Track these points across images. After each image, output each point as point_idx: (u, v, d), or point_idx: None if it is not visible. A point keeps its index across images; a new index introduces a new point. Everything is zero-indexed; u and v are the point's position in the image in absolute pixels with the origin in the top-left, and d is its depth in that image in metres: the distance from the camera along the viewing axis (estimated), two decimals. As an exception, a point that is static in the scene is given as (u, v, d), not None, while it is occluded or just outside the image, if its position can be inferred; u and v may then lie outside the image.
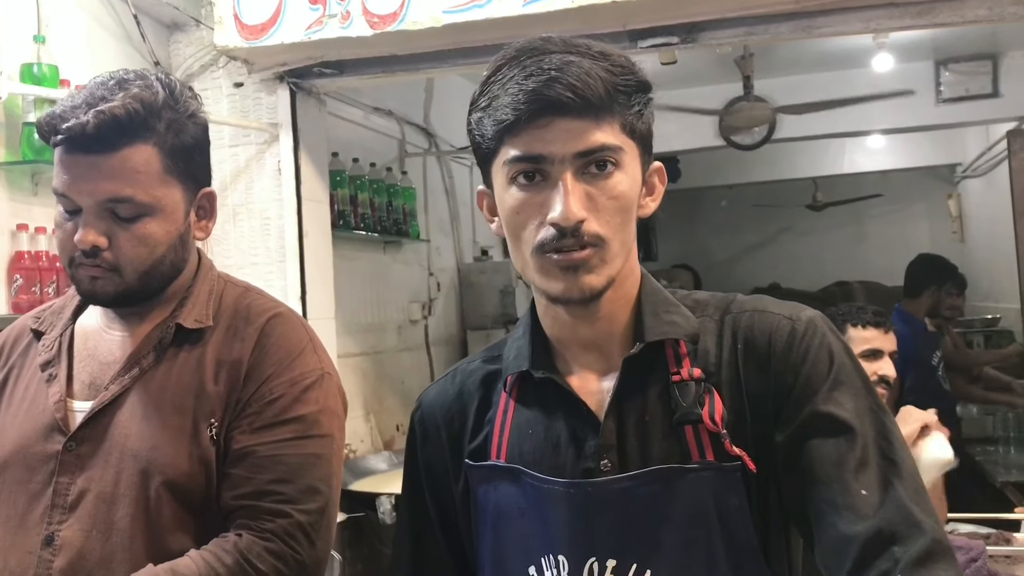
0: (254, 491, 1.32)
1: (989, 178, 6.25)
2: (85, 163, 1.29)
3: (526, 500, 1.06)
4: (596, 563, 1.02)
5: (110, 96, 1.29)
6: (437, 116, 4.72)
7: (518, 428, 1.09)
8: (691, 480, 1.01)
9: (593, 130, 0.98)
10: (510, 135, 0.99)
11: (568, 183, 0.98)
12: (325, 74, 3.06)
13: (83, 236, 1.30)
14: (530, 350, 1.09)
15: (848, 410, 0.99)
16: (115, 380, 1.38)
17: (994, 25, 2.97)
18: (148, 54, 3.14)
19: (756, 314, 1.06)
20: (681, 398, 1.02)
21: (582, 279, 0.99)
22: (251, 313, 1.42)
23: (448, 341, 4.86)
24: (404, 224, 4.26)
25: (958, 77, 5.16)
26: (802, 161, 7.36)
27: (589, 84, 0.97)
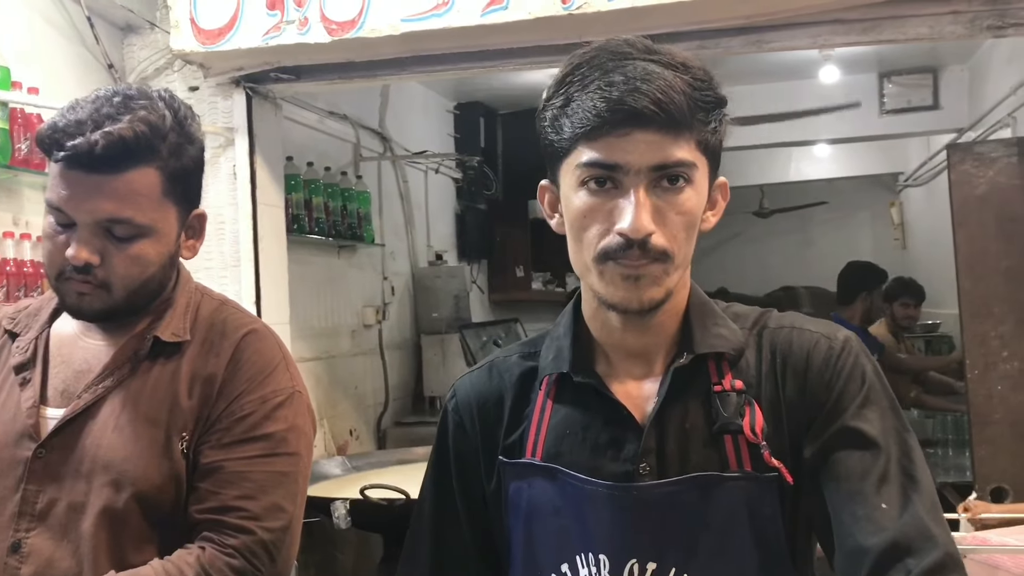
0: (219, 506, 1.32)
1: (930, 187, 6.43)
2: (87, 181, 1.28)
3: (563, 499, 1.08)
4: (636, 565, 1.04)
5: (116, 115, 1.29)
6: (392, 120, 4.73)
7: (555, 428, 1.10)
8: (729, 488, 1.03)
9: (671, 145, 0.99)
10: (587, 139, 0.99)
11: (641, 196, 0.98)
12: (282, 79, 3.06)
13: (77, 253, 1.30)
14: (571, 352, 1.10)
15: (875, 428, 1.02)
16: (89, 389, 1.38)
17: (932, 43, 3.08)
18: (102, 56, 3.11)
19: (795, 331, 1.09)
20: (722, 408, 1.05)
21: (643, 291, 1.01)
22: (227, 328, 1.43)
23: (402, 346, 4.87)
24: (359, 228, 4.26)
25: (901, 89, 5.32)
26: (750, 169, 7.49)
27: (673, 98, 0.97)
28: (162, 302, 1.43)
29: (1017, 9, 2.59)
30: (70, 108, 1.32)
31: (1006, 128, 4.15)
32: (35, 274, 2.66)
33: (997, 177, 3.04)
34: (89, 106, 1.30)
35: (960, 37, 2.66)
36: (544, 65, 2.92)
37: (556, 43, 2.85)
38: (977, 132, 4.66)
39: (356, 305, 4.43)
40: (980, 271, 3.06)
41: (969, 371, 3.08)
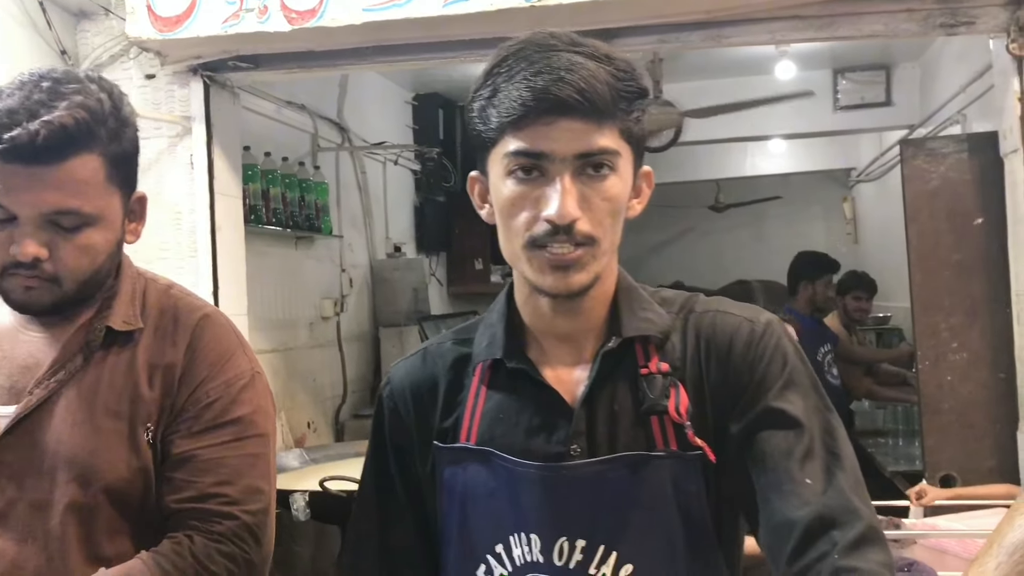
0: (198, 495, 1.32)
1: (881, 182, 6.55)
2: (26, 173, 1.23)
3: (496, 481, 1.10)
4: (566, 542, 1.07)
5: (50, 102, 1.23)
6: (350, 111, 4.70)
7: (489, 412, 1.12)
8: (656, 467, 1.07)
9: (595, 133, 1.01)
10: (514, 129, 1.01)
11: (566, 183, 1.01)
12: (240, 68, 3.04)
13: (24, 248, 1.25)
14: (504, 338, 1.13)
15: (798, 407, 1.05)
16: (40, 384, 1.33)
17: (886, 40, 3.14)
18: (55, 43, 3.06)
19: (719, 315, 1.12)
20: (649, 390, 1.08)
21: (571, 277, 1.04)
22: (179, 313, 1.41)
23: (360, 338, 4.85)
24: (316, 219, 4.24)
25: (854, 86, 5.40)
26: (705, 164, 7.57)
27: (596, 88, 0.99)
28: (107, 290, 1.39)
29: (968, 8, 2.66)
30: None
31: (956, 125, 4.24)
32: None
33: (948, 172, 3.11)
34: (17, 93, 1.24)
35: (914, 35, 2.72)
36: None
37: (517, 35, 2.85)
38: (928, 128, 4.75)
39: (314, 297, 4.41)
40: (931, 264, 3.13)
41: (920, 362, 3.15)
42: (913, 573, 1.91)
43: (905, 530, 2.47)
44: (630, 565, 1.06)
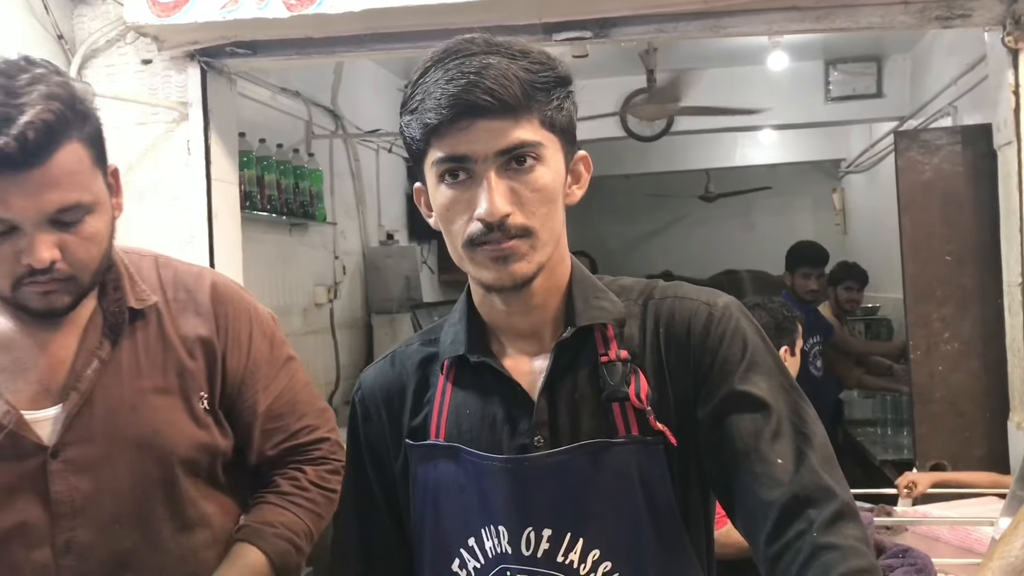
0: (289, 434, 1.46)
1: (871, 174, 6.58)
2: (18, 180, 1.18)
3: (465, 476, 1.12)
4: (533, 532, 1.09)
5: (16, 101, 1.17)
6: (344, 98, 4.70)
7: (456, 409, 1.15)
8: (618, 453, 1.08)
9: (512, 128, 1.03)
10: (436, 137, 1.04)
11: (491, 180, 1.03)
12: (238, 54, 3.02)
13: (38, 255, 1.22)
14: (466, 335, 1.15)
15: (763, 389, 1.07)
16: (78, 378, 1.32)
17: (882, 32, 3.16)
18: (51, 27, 3.04)
19: (676, 300, 1.14)
20: (609, 377, 1.09)
21: (512, 267, 1.05)
22: (186, 282, 1.43)
23: (353, 325, 4.86)
24: (310, 206, 4.23)
25: (845, 77, 5.43)
26: (695, 153, 7.59)
27: (506, 86, 1.02)
28: (105, 272, 1.37)
29: (964, 1, 2.68)
30: None
31: (947, 117, 4.27)
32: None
33: (941, 164, 3.14)
34: None
35: (910, 27, 2.74)
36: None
37: (516, 23, 2.86)
38: (919, 120, 4.78)
39: (307, 284, 4.41)
40: (924, 255, 3.16)
41: (912, 352, 3.18)
42: (908, 558, 1.94)
43: (897, 517, 2.50)
44: (597, 551, 1.08)
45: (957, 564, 2.19)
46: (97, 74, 3.15)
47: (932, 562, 1.99)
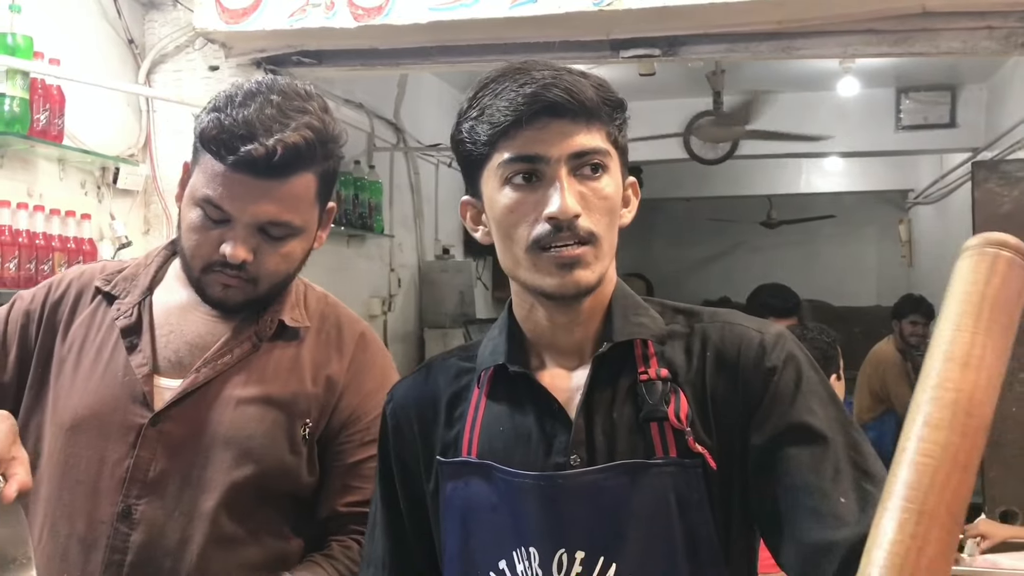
0: (365, 499, 1.37)
1: (941, 205, 6.41)
2: (253, 185, 1.29)
3: (497, 495, 1.07)
4: (565, 554, 1.03)
5: (282, 119, 1.29)
6: (407, 112, 4.71)
7: (489, 424, 1.10)
8: (655, 475, 1.03)
9: (586, 134, 1.02)
10: (505, 138, 1.02)
11: (564, 180, 1.01)
12: (304, 63, 3.03)
13: (235, 251, 1.31)
14: (507, 346, 1.11)
15: (819, 419, 1.01)
16: (208, 363, 1.38)
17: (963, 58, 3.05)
18: (123, 31, 3.08)
19: (727, 326, 1.09)
20: (648, 396, 1.05)
21: (576, 274, 1.02)
22: (342, 323, 1.48)
23: (406, 338, 4.84)
24: (369, 218, 4.24)
25: (918, 105, 5.30)
26: (759, 179, 7.48)
27: (583, 91, 1.02)
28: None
29: (1051, 28, 2.57)
30: (230, 103, 1.29)
31: (1024, 149, 4.14)
32: (47, 247, 2.63)
33: (1022, 197, 3.02)
34: (252, 104, 1.29)
35: (993, 54, 2.64)
36: (569, 61, 2.89)
37: (581, 39, 2.83)
38: (994, 152, 4.63)
39: (363, 295, 4.40)
40: (999, 291, 3.03)
41: (982, 391, 3.05)
42: (979, 611, 1.84)
43: (964, 566, 2.38)
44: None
45: (1028, 618, 2.08)
46: (165, 79, 3.19)
47: (1003, 615, 1.89)
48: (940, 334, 0.76)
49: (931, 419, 0.72)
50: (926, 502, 0.69)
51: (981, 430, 0.73)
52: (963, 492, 0.71)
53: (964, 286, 0.78)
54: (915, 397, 0.74)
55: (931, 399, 0.73)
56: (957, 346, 0.75)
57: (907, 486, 0.71)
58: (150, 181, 3.15)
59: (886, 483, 0.74)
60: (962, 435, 0.72)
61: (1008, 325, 0.77)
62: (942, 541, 0.69)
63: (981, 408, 0.73)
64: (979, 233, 2.52)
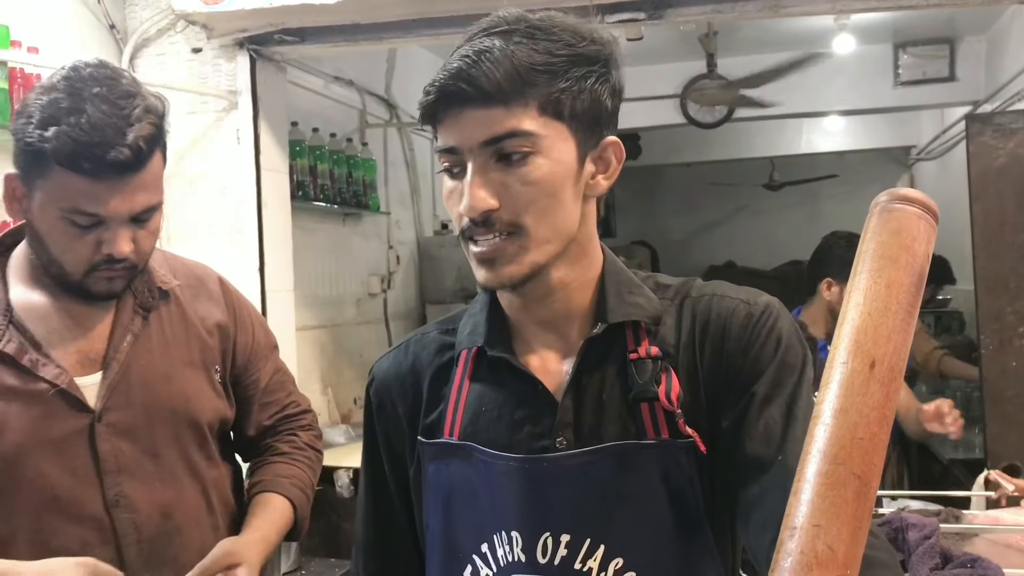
0: (282, 407, 1.71)
1: (943, 161, 6.35)
2: (120, 184, 1.35)
3: (479, 478, 1.06)
4: (550, 538, 1.02)
5: (122, 112, 1.33)
6: (398, 87, 4.67)
7: (472, 405, 1.08)
8: (645, 456, 1.01)
9: (503, 118, 0.96)
10: (437, 124, 1.01)
11: (471, 173, 0.97)
12: (286, 41, 3.00)
13: (120, 247, 1.38)
14: (486, 327, 1.09)
15: (787, 392, 0.99)
16: (116, 350, 1.47)
17: (955, 9, 3.00)
18: (103, 16, 3.05)
19: (715, 299, 1.07)
20: (638, 375, 1.03)
21: (501, 270, 0.99)
22: (198, 274, 1.65)
23: (407, 315, 4.83)
24: (364, 196, 4.21)
25: (916, 60, 5.22)
26: (759, 141, 7.40)
27: (490, 72, 0.95)
28: None
29: (1044, -25, 2.52)
30: (61, 112, 1.31)
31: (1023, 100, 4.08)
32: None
33: (1017, 149, 2.97)
34: (86, 107, 1.31)
35: (986, 3, 2.59)
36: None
37: (567, 5, 2.78)
38: (994, 104, 4.57)
39: (361, 273, 4.39)
40: (996, 245, 3.00)
41: (983, 347, 3.03)
42: (977, 568, 1.82)
43: (966, 523, 2.37)
44: (620, 559, 1.01)
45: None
46: (148, 63, 3.16)
47: (1004, 573, 1.87)
48: (849, 286, 0.76)
49: (832, 379, 0.71)
50: (833, 455, 0.68)
51: (885, 380, 0.71)
52: (875, 442, 0.68)
53: (870, 243, 0.77)
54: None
55: (840, 363, 0.71)
56: (865, 297, 0.74)
57: (814, 441, 0.69)
58: (138, 167, 3.13)
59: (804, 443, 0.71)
60: (864, 388, 0.70)
61: (914, 273, 0.76)
62: (853, 486, 0.67)
63: (876, 349, 0.71)
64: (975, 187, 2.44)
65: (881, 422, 0.69)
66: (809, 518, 0.65)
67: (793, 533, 0.65)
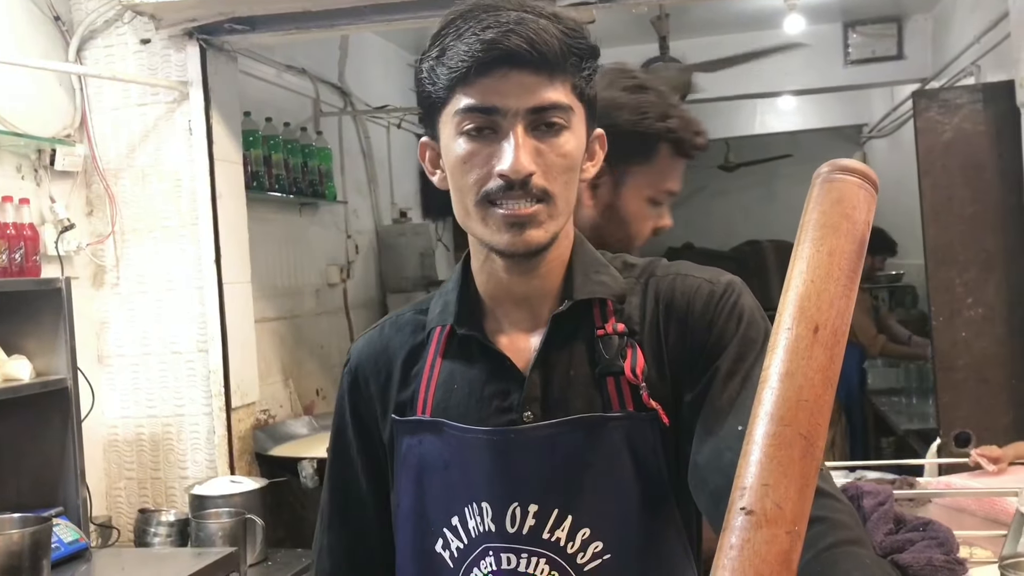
0: None
1: (894, 138, 6.44)
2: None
3: (450, 452, 1.07)
4: (519, 507, 1.04)
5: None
6: (352, 75, 4.64)
7: (444, 383, 1.10)
8: (610, 428, 1.03)
9: (547, 87, 0.98)
10: (464, 84, 0.99)
11: (519, 136, 0.98)
12: (236, 30, 2.98)
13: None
14: (456, 306, 1.10)
15: (747, 366, 1.01)
16: None
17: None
18: (48, 8, 3.00)
19: (678, 278, 1.09)
20: (604, 351, 1.05)
21: (528, 233, 1.00)
22: None
23: (367, 304, 4.82)
24: (320, 185, 4.19)
25: (865, 39, 5.30)
26: (715, 122, 7.43)
27: (546, 40, 0.97)
28: None
29: (983, -48, 2.57)
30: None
31: (970, 77, 4.14)
32: (35, 237, 2.59)
33: (962, 124, 3.03)
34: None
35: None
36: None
37: None
38: (941, 81, 4.65)
39: (319, 264, 4.37)
40: (945, 218, 3.06)
41: (934, 318, 3.09)
42: (929, 531, 1.87)
43: (920, 489, 2.42)
44: (587, 529, 1.03)
45: (983, 536, 2.12)
46: (96, 55, 3.12)
47: (954, 535, 1.92)
48: (793, 255, 0.77)
49: (777, 344, 0.72)
50: (780, 416, 0.69)
51: (829, 344, 0.72)
52: (819, 404, 0.70)
53: (812, 213, 0.79)
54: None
55: (784, 329, 0.73)
56: (808, 265, 0.75)
57: (761, 404, 0.71)
58: (89, 161, 3.09)
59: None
60: (808, 352, 0.71)
61: (855, 241, 0.77)
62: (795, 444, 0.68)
63: (820, 315, 0.73)
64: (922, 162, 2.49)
65: (825, 384, 0.71)
66: (758, 478, 0.67)
67: (743, 493, 0.67)
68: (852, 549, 0.82)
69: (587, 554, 1.03)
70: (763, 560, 0.64)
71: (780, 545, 0.64)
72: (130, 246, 3.13)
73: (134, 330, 3.17)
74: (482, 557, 1.06)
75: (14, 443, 2.60)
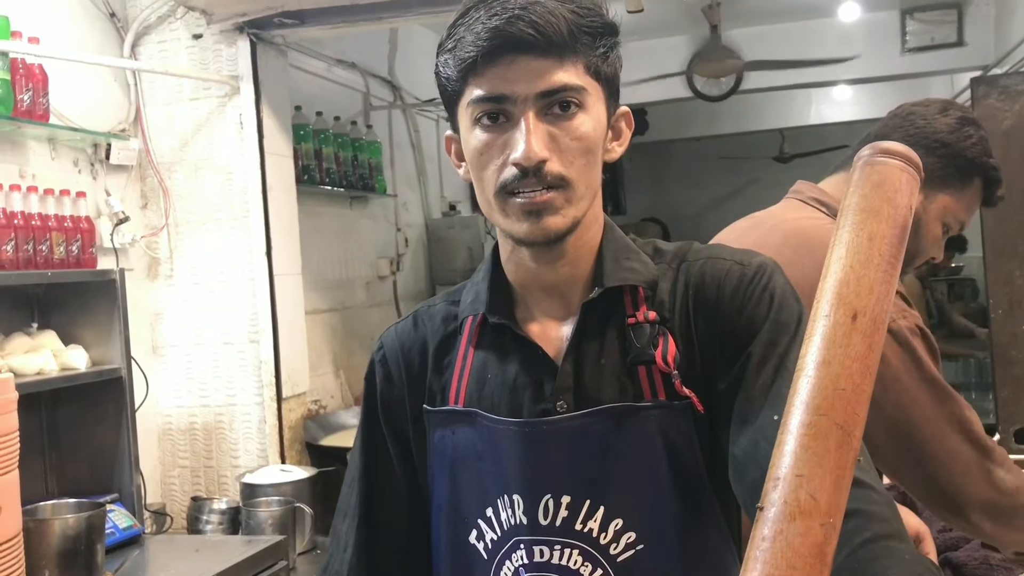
0: None
1: (953, 128, 6.28)
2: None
3: (483, 443, 1.07)
4: (551, 499, 1.03)
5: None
6: (402, 68, 4.66)
7: (476, 372, 1.09)
8: (643, 418, 1.02)
9: (556, 70, 0.97)
10: (473, 75, 0.98)
11: (530, 122, 0.97)
12: (285, 24, 3.01)
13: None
14: (488, 295, 1.09)
15: (780, 351, 0.99)
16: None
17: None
18: (103, 5, 3.06)
19: (709, 261, 1.07)
20: (636, 339, 1.03)
21: (545, 221, 0.99)
22: None
23: (417, 297, 4.84)
24: (370, 179, 4.22)
25: (923, 26, 5.17)
26: (769, 113, 7.35)
27: (552, 23, 0.96)
28: None
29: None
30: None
31: (1033, 63, 4.03)
32: (43, 227, 2.64)
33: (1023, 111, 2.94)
34: None
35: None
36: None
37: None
38: (1004, 68, 4.52)
39: (370, 256, 4.40)
40: (1005, 209, 2.96)
41: (993, 311, 3.01)
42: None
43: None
44: (620, 520, 1.02)
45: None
46: (149, 51, 3.17)
47: None
48: (832, 240, 0.75)
49: (815, 331, 0.71)
50: (816, 406, 0.68)
51: (868, 331, 0.70)
52: (857, 393, 0.68)
53: (852, 197, 0.76)
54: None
55: (822, 316, 0.71)
56: (847, 250, 0.73)
57: (797, 393, 0.69)
58: (143, 154, 3.14)
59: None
60: (846, 340, 0.69)
61: (896, 226, 0.75)
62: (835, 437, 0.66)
63: (859, 301, 0.71)
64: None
65: (864, 373, 0.69)
66: (792, 468, 0.65)
67: (777, 484, 0.65)
68: (890, 544, 0.80)
69: (620, 545, 1.02)
70: (796, 552, 0.62)
71: (814, 537, 0.63)
72: (183, 238, 3.18)
73: (187, 321, 3.22)
74: (514, 550, 1.05)
75: (71, 431, 2.66)
